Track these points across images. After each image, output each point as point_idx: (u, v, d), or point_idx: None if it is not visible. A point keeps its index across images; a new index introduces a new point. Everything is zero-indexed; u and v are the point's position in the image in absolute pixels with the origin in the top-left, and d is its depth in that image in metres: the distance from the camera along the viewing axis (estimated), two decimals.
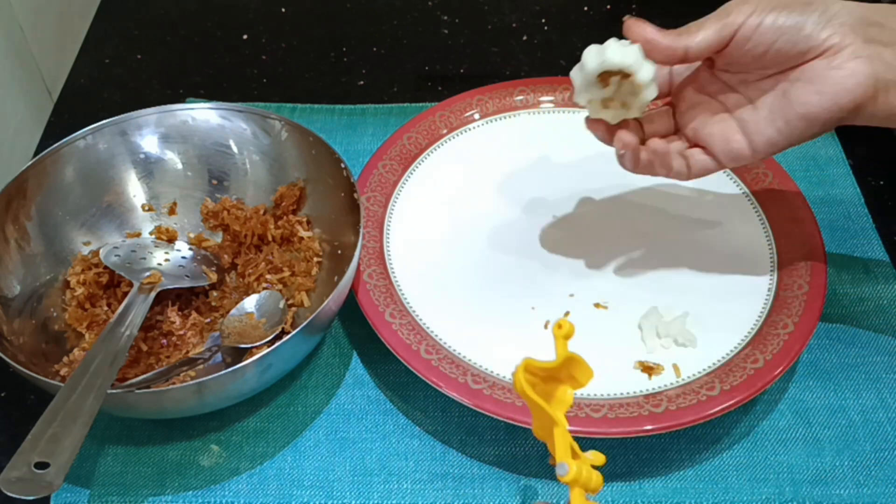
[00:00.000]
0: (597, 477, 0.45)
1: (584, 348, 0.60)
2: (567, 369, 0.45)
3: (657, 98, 0.54)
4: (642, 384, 0.58)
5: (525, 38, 0.88)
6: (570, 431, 0.55)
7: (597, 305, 0.63)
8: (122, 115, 0.66)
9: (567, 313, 0.62)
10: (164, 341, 0.61)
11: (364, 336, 0.63)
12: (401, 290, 0.63)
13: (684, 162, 0.55)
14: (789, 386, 0.61)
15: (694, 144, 0.56)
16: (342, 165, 0.63)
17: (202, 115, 0.67)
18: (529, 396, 0.44)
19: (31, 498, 0.45)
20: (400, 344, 0.59)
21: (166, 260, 0.64)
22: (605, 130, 0.56)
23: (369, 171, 0.70)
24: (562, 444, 0.44)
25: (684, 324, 0.60)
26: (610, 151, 0.73)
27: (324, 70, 0.85)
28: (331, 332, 0.64)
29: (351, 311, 0.63)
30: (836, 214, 0.71)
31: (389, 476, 0.57)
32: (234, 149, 0.68)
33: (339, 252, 0.64)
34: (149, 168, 0.67)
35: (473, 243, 0.68)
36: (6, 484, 0.45)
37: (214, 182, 0.68)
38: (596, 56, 0.50)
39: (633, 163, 0.57)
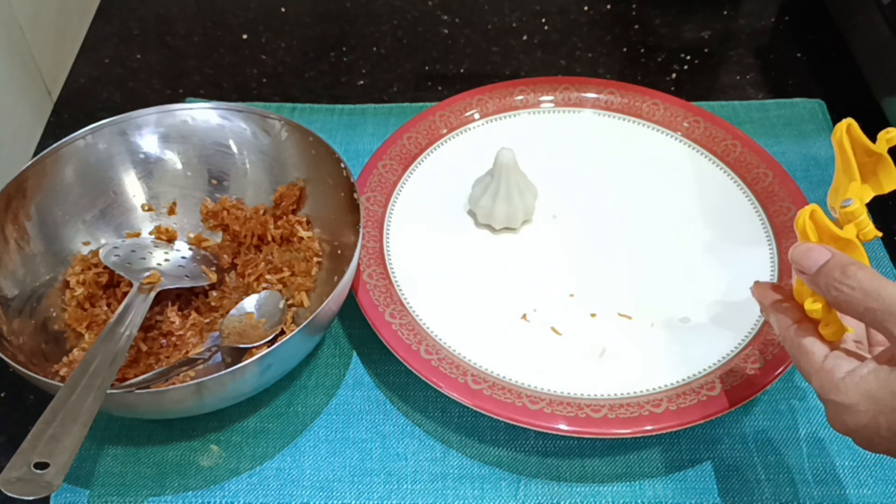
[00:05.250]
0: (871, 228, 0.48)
1: (583, 348, 0.61)
2: (872, 166, 0.47)
3: None
4: (642, 384, 0.58)
5: (525, 38, 0.88)
6: (570, 432, 0.55)
7: (597, 312, 0.63)
8: (122, 115, 0.65)
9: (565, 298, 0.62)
10: (164, 341, 0.61)
11: (364, 336, 0.63)
12: (401, 290, 0.63)
13: None
14: (789, 386, 0.61)
15: None
16: (342, 165, 0.63)
17: (202, 115, 0.67)
18: (844, 148, 0.47)
19: (31, 498, 0.45)
20: (400, 344, 0.59)
21: (166, 260, 0.64)
22: None
23: (369, 171, 0.70)
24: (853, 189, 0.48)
25: None
26: (610, 151, 0.74)
27: (324, 70, 0.85)
28: (331, 332, 0.64)
29: (351, 311, 0.63)
30: None
31: (389, 476, 0.57)
32: (234, 149, 0.68)
33: (339, 252, 0.64)
34: (148, 168, 0.67)
35: (473, 243, 0.68)
36: (6, 484, 0.45)
37: (214, 182, 0.68)
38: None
39: None
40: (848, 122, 0.48)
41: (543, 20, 0.90)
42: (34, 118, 0.78)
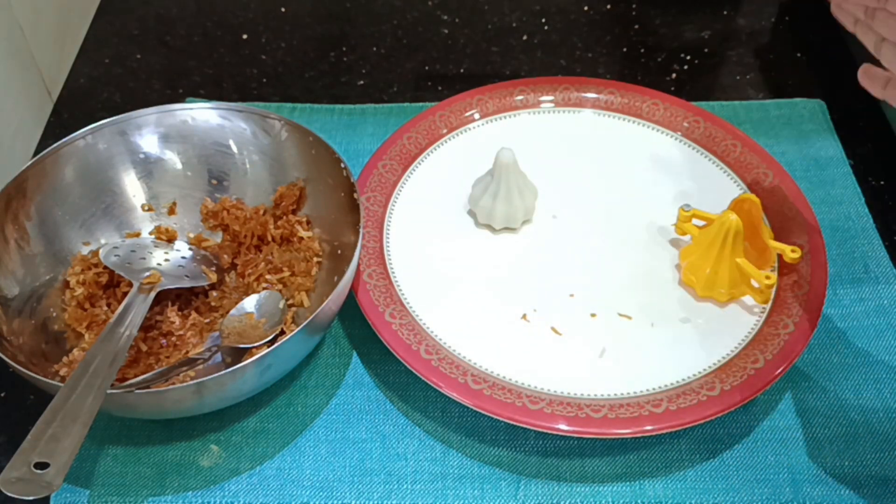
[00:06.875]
0: None
1: (583, 348, 0.61)
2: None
3: None
4: (642, 384, 0.58)
5: (525, 38, 0.88)
6: (570, 432, 0.55)
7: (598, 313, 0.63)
8: (122, 115, 0.65)
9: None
10: (164, 341, 0.61)
11: (364, 336, 0.63)
12: (401, 290, 0.63)
13: None
14: (789, 386, 0.61)
15: None
16: (342, 165, 0.63)
17: (202, 114, 0.67)
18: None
19: (31, 498, 0.45)
20: (400, 344, 0.59)
21: (166, 260, 0.64)
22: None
23: (369, 171, 0.70)
24: None
25: None
26: (610, 151, 0.74)
27: (324, 70, 0.85)
28: (331, 332, 0.64)
29: (351, 311, 0.63)
30: (837, 214, 0.71)
31: (389, 476, 0.57)
32: (234, 149, 0.68)
33: (339, 252, 0.64)
34: (148, 168, 0.67)
35: (473, 243, 0.68)
36: (6, 484, 0.45)
37: (214, 182, 0.68)
38: None
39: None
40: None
41: (543, 20, 0.90)
42: (34, 118, 0.78)
